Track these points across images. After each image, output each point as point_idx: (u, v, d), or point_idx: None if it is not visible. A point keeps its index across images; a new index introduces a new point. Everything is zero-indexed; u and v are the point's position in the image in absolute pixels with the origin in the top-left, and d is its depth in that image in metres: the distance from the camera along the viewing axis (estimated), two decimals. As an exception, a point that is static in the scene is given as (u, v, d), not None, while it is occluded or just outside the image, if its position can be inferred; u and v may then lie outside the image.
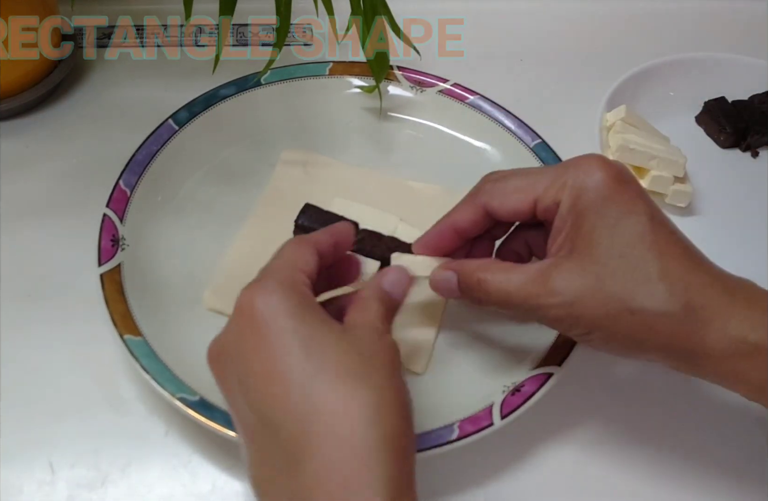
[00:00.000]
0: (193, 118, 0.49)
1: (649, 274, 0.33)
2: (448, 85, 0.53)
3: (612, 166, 0.35)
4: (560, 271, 0.34)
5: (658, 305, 0.33)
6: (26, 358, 0.43)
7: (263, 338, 0.29)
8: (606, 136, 0.54)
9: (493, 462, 0.42)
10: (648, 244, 0.33)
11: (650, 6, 0.67)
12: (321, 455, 0.27)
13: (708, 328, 0.33)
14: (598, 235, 0.34)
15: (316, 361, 0.29)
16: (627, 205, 0.34)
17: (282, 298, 0.30)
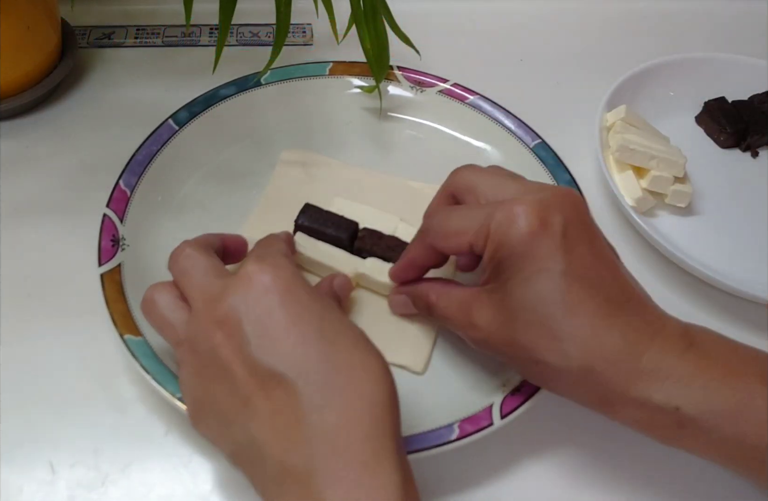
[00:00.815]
0: (193, 118, 0.49)
1: (552, 332, 0.34)
2: (448, 85, 0.53)
3: (534, 217, 0.34)
4: (480, 307, 0.36)
5: (557, 362, 0.34)
6: (26, 358, 0.43)
7: (281, 304, 0.31)
8: (606, 136, 0.54)
9: (493, 462, 0.42)
10: (556, 302, 0.33)
11: (650, 6, 0.67)
12: (342, 405, 0.30)
13: (601, 387, 0.34)
14: (511, 287, 0.35)
15: (331, 329, 0.32)
16: (541, 262, 0.34)
17: (293, 275, 0.33)
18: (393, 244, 0.44)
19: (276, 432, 0.30)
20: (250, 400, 0.31)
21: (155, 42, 0.60)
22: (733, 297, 0.48)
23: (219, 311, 0.32)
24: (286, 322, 0.31)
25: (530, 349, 0.34)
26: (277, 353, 0.30)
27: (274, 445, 0.30)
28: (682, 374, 0.33)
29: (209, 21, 0.60)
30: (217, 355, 0.31)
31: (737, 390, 0.33)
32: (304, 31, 0.62)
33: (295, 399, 0.30)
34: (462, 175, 0.40)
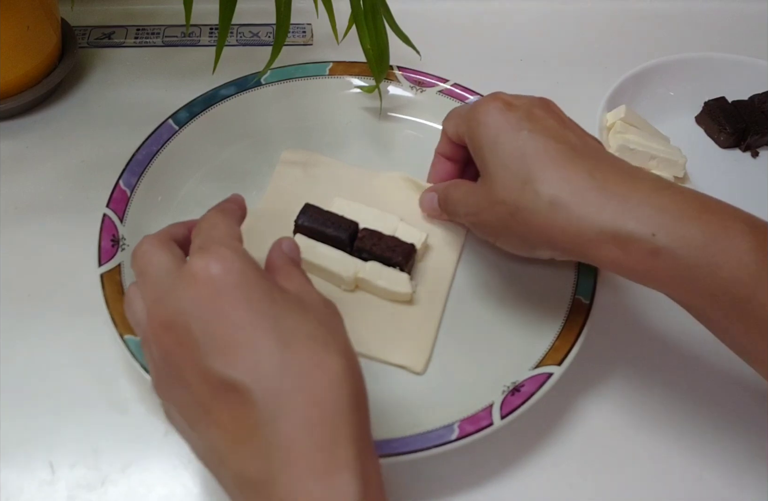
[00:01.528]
0: (193, 118, 0.49)
1: (522, 178, 0.37)
2: (448, 85, 0.53)
3: (501, 102, 0.39)
4: (472, 192, 0.41)
5: (528, 204, 0.37)
6: (26, 358, 0.43)
7: (231, 305, 0.29)
8: (606, 136, 0.54)
9: (493, 462, 0.42)
10: (523, 154, 0.37)
11: (650, 6, 0.67)
12: (296, 413, 0.28)
13: (574, 218, 0.35)
14: (486, 154, 0.39)
15: (285, 328, 0.29)
16: (509, 126, 0.38)
17: (242, 266, 0.30)
18: (393, 244, 0.44)
19: (233, 442, 0.29)
20: (207, 407, 0.29)
21: (155, 42, 0.60)
22: (733, 297, 0.48)
23: (166, 314, 0.30)
24: (236, 325, 0.29)
25: (507, 202, 0.37)
26: (229, 359, 0.29)
27: (231, 454, 0.29)
28: (656, 203, 0.34)
29: (209, 21, 0.60)
30: (169, 361, 0.30)
31: (713, 223, 0.33)
32: (304, 31, 0.62)
33: (250, 408, 0.28)
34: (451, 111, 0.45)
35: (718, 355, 0.46)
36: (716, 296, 0.33)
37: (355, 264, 0.44)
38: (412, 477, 0.41)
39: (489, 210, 0.39)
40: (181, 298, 0.30)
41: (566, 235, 0.36)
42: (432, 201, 0.46)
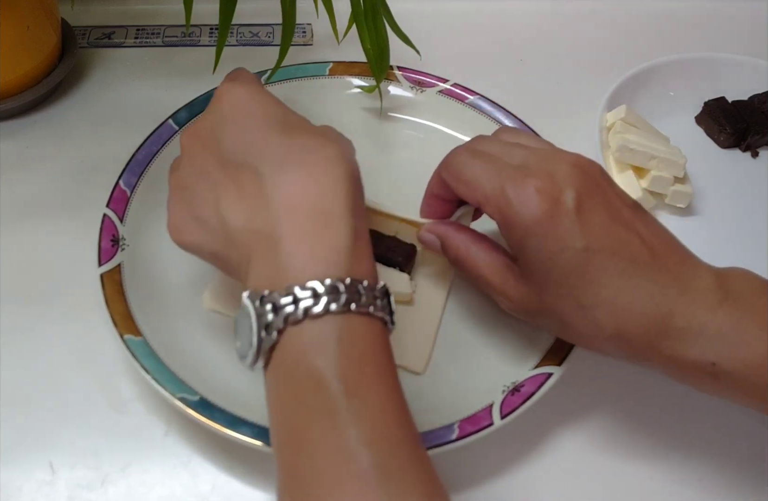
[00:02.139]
0: (193, 119, 0.49)
1: (580, 301, 0.35)
2: (448, 85, 0.53)
3: (546, 196, 0.34)
4: (509, 279, 0.38)
5: (588, 329, 0.36)
6: (26, 358, 0.43)
7: (249, 112, 0.35)
8: (606, 136, 0.54)
9: (493, 462, 0.42)
10: (580, 275, 0.34)
11: (650, 6, 0.67)
12: (297, 182, 0.32)
13: (633, 348, 0.35)
14: (536, 266, 0.36)
15: (293, 127, 0.35)
16: (560, 241, 0.34)
17: (258, 87, 0.37)
18: (393, 244, 0.44)
19: (243, 207, 0.33)
20: (221, 186, 0.34)
21: (155, 42, 0.60)
22: (733, 297, 0.48)
23: (195, 128, 0.36)
24: (251, 122, 0.34)
25: (562, 315, 0.36)
26: (243, 146, 0.34)
27: (242, 218, 0.33)
28: (715, 329, 0.34)
29: (209, 21, 0.60)
30: (194, 161, 0.35)
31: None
32: (304, 31, 0.62)
33: (258, 179, 0.33)
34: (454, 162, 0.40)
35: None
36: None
37: None
38: (412, 477, 0.41)
39: (533, 312, 0.37)
40: (207, 114, 0.37)
41: (624, 354, 0.37)
42: (434, 243, 0.42)
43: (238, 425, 0.37)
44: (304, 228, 0.31)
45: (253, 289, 0.31)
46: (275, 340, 0.30)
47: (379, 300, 0.31)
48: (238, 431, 0.37)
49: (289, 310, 0.30)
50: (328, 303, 0.29)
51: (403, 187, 0.51)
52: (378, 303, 0.31)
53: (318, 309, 0.29)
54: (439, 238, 0.41)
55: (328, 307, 0.29)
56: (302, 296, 0.30)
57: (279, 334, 0.30)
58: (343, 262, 0.31)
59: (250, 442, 0.37)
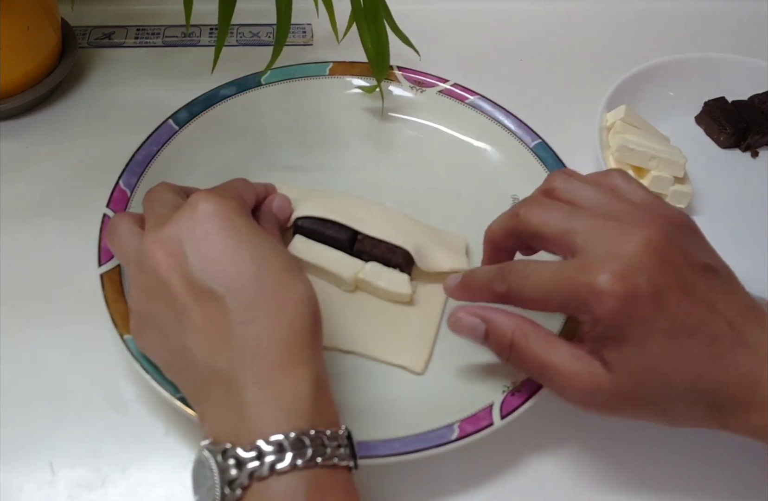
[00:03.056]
0: (193, 119, 0.49)
1: (673, 384, 0.34)
2: (448, 85, 0.53)
3: (619, 288, 0.33)
4: (592, 372, 0.35)
5: (682, 408, 0.35)
6: (26, 358, 0.43)
7: (217, 232, 0.34)
8: (606, 136, 0.54)
9: (493, 462, 0.42)
10: (671, 357, 0.34)
11: (650, 6, 0.67)
12: (266, 319, 0.32)
13: (731, 420, 0.35)
14: (624, 352, 0.34)
15: (262, 254, 0.34)
16: (644, 327, 0.33)
17: (237, 206, 0.35)
18: (393, 246, 0.44)
19: (206, 340, 0.32)
20: (185, 312, 0.33)
21: (155, 42, 0.60)
22: (733, 297, 0.48)
23: (163, 232, 0.34)
24: (222, 245, 0.33)
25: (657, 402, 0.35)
26: (212, 271, 0.33)
27: (203, 351, 0.32)
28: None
29: (209, 21, 0.60)
30: (158, 271, 0.34)
31: None
32: (304, 31, 0.62)
33: (225, 313, 0.32)
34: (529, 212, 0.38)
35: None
36: None
37: (354, 264, 0.44)
38: (412, 477, 0.41)
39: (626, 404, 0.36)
40: (179, 221, 0.35)
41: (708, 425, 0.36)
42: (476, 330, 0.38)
43: (238, 425, 0.37)
44: (269, 376, 0.31)
45: (214, 439, 0.31)
46: (239, 497, 0.30)
47: (343, 448, 0.31)
48: (238, 431, 0.37)
49: (254, 465, 0.29)
50: (294, 458, 0.29)
51: (403, 187, 0.51)
52: (342, 452, 0.31)
53: (284, 465, 0.29)
54: (484, 320, 0.38)
55: (294, 463, 0.29)
56: (267, 450, 0.29)
57: (243, 490, 0.29)
58: (307, 412, 0.31)
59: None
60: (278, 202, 0.45)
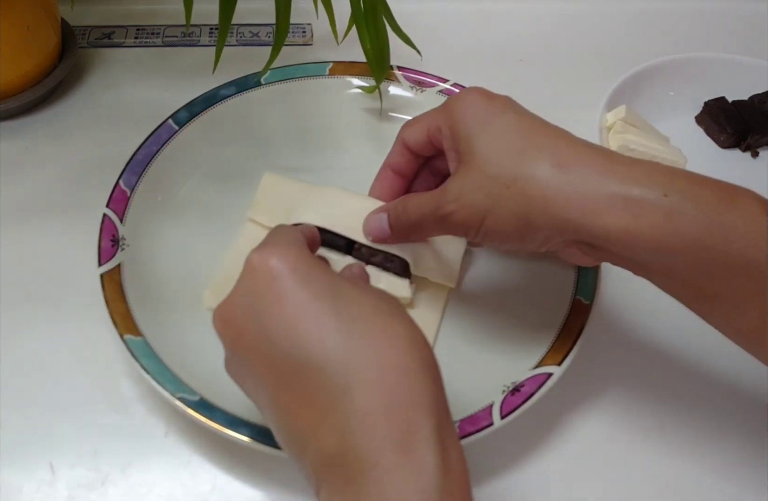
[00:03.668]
0: (193, 118, 0.49)
1: (519, 149, 0.35)
2: (448, 85, 0.53)
3: (481, 93, 0.38)
4: (451, 180, 0.37)
5: (527, 171, 0.34)
6: (26, 358, 0.43)
7: (286, 289, 0.30)
8: (606, 136, 0.54)
9: (493, 462, 0.42)
10: (518, 128, 0.36)
11: (650, 6, 0.67)
12: (368, 383, 0.28)
13: (579, 182, 0.33)
14: (472, 135, 0.36)
15: (345, 303, 0.30)
16: (497, 109, 0.37)
17: (298, 253, 0.31)
18: (391, 255, 0.44)
19: (307, 424, 0.29)
20: (275, 396, 0.29)
21: (155, 42, 0.60)
22: (733, 297, 0.48)
23: (226, 308, 0.31)
24: (297, 306, 0.29)
25: (501, 176, 0.35)
26: (292, 340, 0.29)
27: (307, 436, 0.29)
28: (665, 170, 0.34)
29: (209, 21, 0.60)
30: (236, 353, 0.31)
31: (722, 189, 0.33)
32: (304, 31, 0.62)
33: (319, 387, 0.28)
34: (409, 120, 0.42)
35: (720, 356, 0.46)
36: (729, 264, 0.32)
37: None
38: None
39: (476, 191, 0.35)
40: (237, 292, 0.31)
41: (570, 201, 0.33)
42: (381, 221, 0.40)
43: (238, 425, 0.37)
44: (385, 461, 0.27)
45: None
46: None
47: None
48: (238, 431, 0.37)
49: None
50: None
51: (403, 187, 0.51)
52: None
53: None
54: (388, 211, 0.40)
55: None
56: None
57: None
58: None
59: (249, 443, 0.37)
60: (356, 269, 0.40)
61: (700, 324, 0.36)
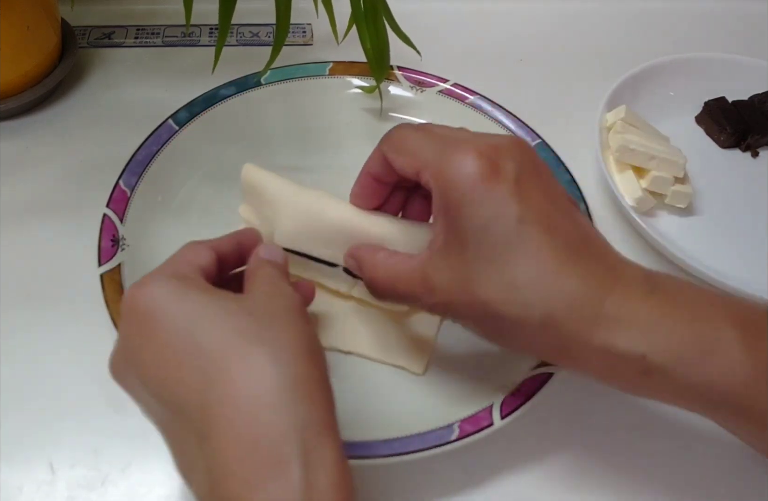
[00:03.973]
0: (193, 118, 0.49)
1: (511, 281, 0.32)
2: (448, 85, 0.53)
3: (486, 161, 0.33)
4: (435, 269, 0.34)
5: (517, 313, 0.32)
6: (26, 359, 0.43)
7: (149, 329, 0.30)
8: (606, 136, 0.54)
9: (493, 462, 0.42)
10: (513, 249, 0.32)
11: (650, 6, 0.67)
12: (224, 423, 0.27)
13: (564, 335, 0.32)
14: (465, 237, 0.33)
15: (202, 333, 0.29)
16: (495, 208, 0.32)
17: (161, 285, 0.31)
18: None
19: (184, 466, 0.30)
20: (165, 434, 0.31)
21: (155, 42, 0.60)
22: (733, 297, 0.48)
23: (113, 359, 0.33)
24: (158, 350, 0.29)
25: (490, 303, 0.33)
26: (159, 386, 0.29)
27: (188, 476, 0.29)
28: (646, 319, 0.32)
29: (209, 21, 0.60)
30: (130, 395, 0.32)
31: (705, 335, 0.32)
32: (304, 31, 0.62)
33: (188, 427, 0.29)
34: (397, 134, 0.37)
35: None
36: (716, 406, 0.32)
37: (346, 279, 0.43)
38: (412, 477, 0.41)
39: (464, 302, 0.34)
40: (119, 338, 0.32)
41: (553, 348, 0.34)
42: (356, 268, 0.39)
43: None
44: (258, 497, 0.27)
45: None
46: None
47: None
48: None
49: None
50: None
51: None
52: None
53: None
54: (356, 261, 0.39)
55: None
56: None
57: None
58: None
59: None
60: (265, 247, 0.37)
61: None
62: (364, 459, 0.37)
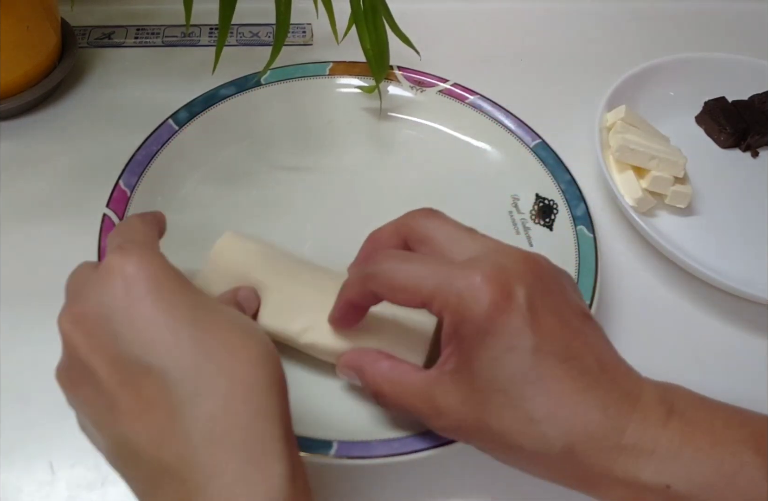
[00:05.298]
0: (193, 118, 0.49)
1: (528, 414, 0.31)
2: (448, 85, 0.53)
3: (496, 289, 0.31)
4: (445, 391, 0.33)
5: (536, 446, 0.32)
6: (26, 359, 0.43)
7: (143, 295, 0.29)
8: (606, 136, 0.54)
9: (493, 462, 0.42)
10: (529, 381, 0.31)
11: (650, 6, 0.67)
12: (218, 391, 0.28)
13: (585, 466, 0.32)
14: (479, 367, 0.32)
15: (203, 316, 0.30)
16: (509, 339, 0.31)
17: (160, 264, 0.31)
18: None
19: (148, 429, 0.28)
20: (116, 399, 0.28)
21: (155, 42, 0.60)
22: (733, 297, 0.48)
23: (77, 308, 0.30)
24: (153, 311, 0.29)
25: (505, 435, 0.32)
26: (144, 343, 0.28)
27: (146, 443, 0.28)
28: (667, 447, 0.31)
29: (209, 21, 0.60)
30: (77, 355, 0.29)
31: (726, 461, 0.31)
32: (304, 31, 0.62)
33: (166, 391, 0.28)
34: (418, 221, 0.37)
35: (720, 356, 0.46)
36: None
37: None
38: (412, 477, 0.41)
39: (476, 429, 0.33)
40: (93, 291, 0.30)
41: (574, 478, 0.33)
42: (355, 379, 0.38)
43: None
44: (232, 469, 0.27)
45: None
46: None
47: None
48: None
49: None
50: None
51: (403, 187, 0.51)
52: None
53: None
54: (356, 372, 0.37)
55: None
56: None
57: None
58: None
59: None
60: (244, 292, 0.39)
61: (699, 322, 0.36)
62: (364, 459, 0.37)
